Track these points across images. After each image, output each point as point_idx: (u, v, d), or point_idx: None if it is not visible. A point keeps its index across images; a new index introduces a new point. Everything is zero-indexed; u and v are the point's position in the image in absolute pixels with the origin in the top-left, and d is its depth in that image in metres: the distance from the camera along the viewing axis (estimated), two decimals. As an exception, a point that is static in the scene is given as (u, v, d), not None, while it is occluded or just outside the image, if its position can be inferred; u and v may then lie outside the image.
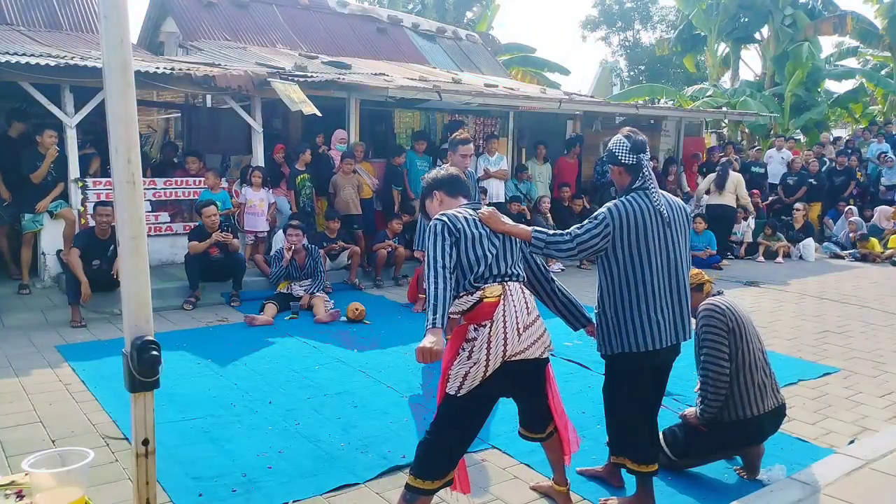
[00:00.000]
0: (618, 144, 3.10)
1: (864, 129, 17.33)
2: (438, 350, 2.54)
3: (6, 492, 2.31)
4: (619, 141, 3.11)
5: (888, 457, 3.48)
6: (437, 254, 2.70)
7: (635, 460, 3.11)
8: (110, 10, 2.07)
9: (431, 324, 2.58)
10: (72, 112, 7.30)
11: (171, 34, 12.97)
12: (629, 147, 3.06)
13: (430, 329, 2.57)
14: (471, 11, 26.84)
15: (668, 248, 3.01)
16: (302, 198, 8.69)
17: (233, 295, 7.27)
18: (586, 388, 4.71)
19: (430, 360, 2.54)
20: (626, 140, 3.08)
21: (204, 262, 7.09)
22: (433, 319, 2.58)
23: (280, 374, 5.01)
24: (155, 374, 2.18)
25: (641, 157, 3.06)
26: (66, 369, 5.00)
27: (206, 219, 7.14)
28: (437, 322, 2.57)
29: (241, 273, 7.37)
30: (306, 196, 8.71)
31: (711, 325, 3.34)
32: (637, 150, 3.06)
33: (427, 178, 3.16)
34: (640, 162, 3.05)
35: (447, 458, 2.76)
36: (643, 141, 3.10)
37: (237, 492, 3.26)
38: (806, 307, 7.54)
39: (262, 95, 8.30)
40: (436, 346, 2.53)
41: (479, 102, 10.05)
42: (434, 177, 3.12)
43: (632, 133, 3.11)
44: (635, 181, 3.06)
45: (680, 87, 26.28)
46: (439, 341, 2.55)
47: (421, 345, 2.53)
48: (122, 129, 2.12)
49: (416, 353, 2.53)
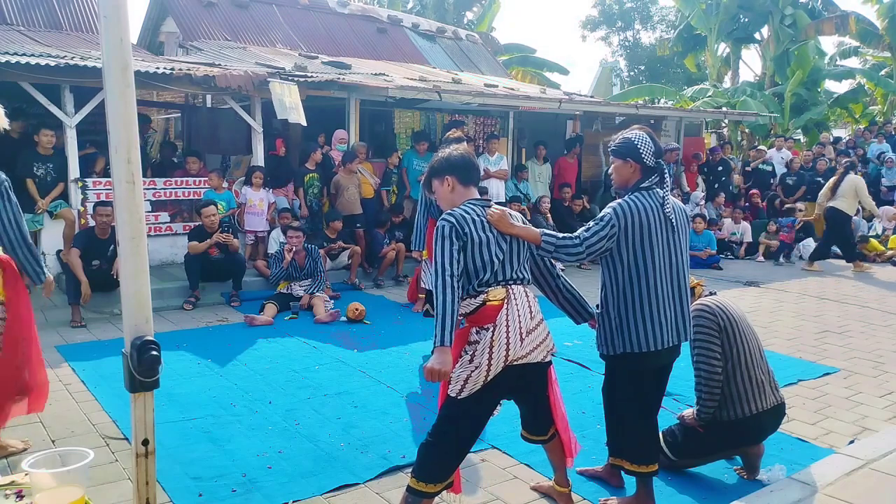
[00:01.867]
0: (643, 141, 3.04)
1: (864, 129, 17.34)
2: (447, 371, 2.54)
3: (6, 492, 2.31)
4: (643, 139, 3.04)
5: (888, 457, 3.47)
6: (444, 260, 2.63)
7: (633, 461, 3.11)
8: (110, 10, 2.07)
9: (440, 342, 2.54)
10: (72, 112, 7.31)
11: (171, 34, 12.97)
12: (654, 150, 3.05)
13: (438, 348, 2.55)
14: (471, 11, 26.83)
15: (670, 249, 3.01)
16: (309, 196, 8.72)
17: (233, 295, 7.26)
18: (586, 388, 4.71)
19: (438, 380, 2.55)
20: (650, 141, 3.05)
21: (204, 262, 7.09)
22: (441, 337, 2.54)
23: (280, 374, 5.01)
24: (155, 374, 2.18)
25: (661, 161, 3.07)
26: (66, 369, 5.00)
27: (206, 219, 7.14)
28: (444, 340, 2.54)
29: (240, 273, 7.37)
30: (313, 195, 8.74)
31: (702, 326, 3.34)
32: (660, 155, 3.07)
33: (440, 157, 2.92)
34: (661, 166, 3.05)
35: (449, 461, 2.75)
36: (661, 145, 3.12)
37: (237, 492, 3.26)
38: (806, 307, 7.54)
39: (262, 95, 8.30)
40: (444, 368, 2.53)
41: (479, 102, 10.04)
42: (448, 157, 2.89)
43: (651, 135, 3.09)
44: (644, 181, 3.04)
45: (680, 87, 26.31)
46: (447, 361, 2.54)
47: (429, 365, 2.54)
48: (122, 129, 2.12)
49: (425, 373, 2.55)
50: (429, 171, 2.96)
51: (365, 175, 9.00)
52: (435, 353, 2.56)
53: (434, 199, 3.10)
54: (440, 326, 2.55)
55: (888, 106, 21.32)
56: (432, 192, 2.96)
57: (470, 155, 2.95)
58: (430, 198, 5.23)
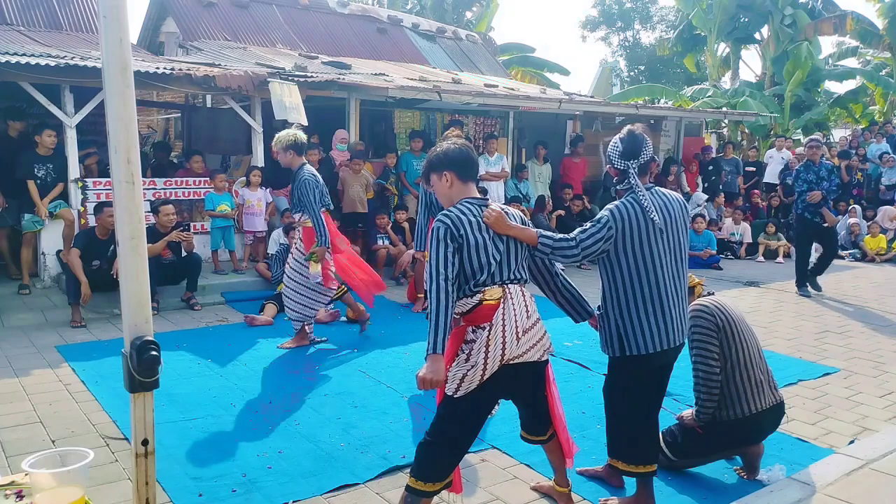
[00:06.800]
0: (612, 146, 3.08)
1: (864, 129, 17.33)
2: (439, 380, 2.55)
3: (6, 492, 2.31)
4: (614, 142, 3.08)
5: (888, 457, 3.47)
6: (438, 263, 2.61)
7: (630, 461, 3.10)
8: (110, 9, 2.07)
9: (432, 349, 2.54)
10: (72, 112, 7.31)
11: (171, 34, 12.98)
12: (621, 151, 3.03)
13: (431, 356, 2.54)
14: (470, 11, 26.84)
15: (669, 248, 2.99)
16: None
17: (188, 297, 6.93)
18: (586, 388, 4.70)
19: (430, 388, 2.55)
20: (619, 143, 3.04)
21: (156, 264, 6.50)
22: (434, 344, 2.53)
23: (280, 374, 5.01)
24: (154, 375, 2.18)
25: (630, 163, 3.00)
26: (66, 369, 5.00)
27: (164, 217, 6.78)
28: (437, 347, 2.53)
29: (196, 273, 6.99)
30: None
31: (700, 326, 3.33)
32: (627, 157, 3.01)
33: (438, 151, 2.85)
34: (627, 169, 3.00)
35: (447, 460, 2.75)
36: (639, 145, 3.01)
37: (237, 492, 3.26)
38: (806, 307, 7.54)
39: (262, 95, 8.30)
40: (436, 377, 2.53)
41: (479, 102, 10.05)
42: (446, 151, 2.82)
43: (629, 135, 3.05)
44: (622, 183, 3.04)
45: (680, 87, 26.29)
46: (439, 370, 2.54)
47: (421, 374, 2.54)
48: (122, 129, 2.12)
49: (417, 381, 2.55)
50: (427, 165, 2.89)
51: (366, 175, 9.01)
52: (427, 362, 2.55)
53: (431, 191, 3.07)
54: (433, 333, 2.54)
55: (888, 106, 21.31)
56: (430, 186, 2.92)
57: (469, 149, 2.88)
58: (430, 193, 5.21)
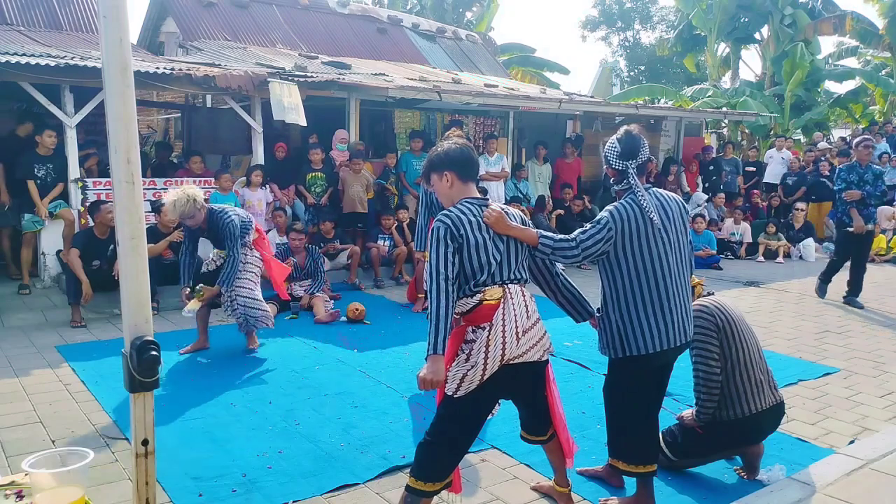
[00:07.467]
0: (610, 146, 3.07)
1: (864, 129, 17.33)
2: (439, 381, 2.55)
3: (6, 492, 2.31)
4: (611, 143, 3.08)
5: (888, 457, 3.48)
6: (438, 263, 2.61)
7: (630, 461, 3.10)
8: (110, 9, 2.07)
9: (432, 350, 2.54)
10: (72, 112, 7.30)
11: (171, 34, 12.98)
12: (619, 152, 3.03)
13: (431, 356, 2.55)
14: (470, 11, 26.85)
15: (671, 248, 2.98)
16: (312, 195, 8.73)
17: None
18: (586, 388, 4.70)
19: (430, 389, 2.56)
20: (617, 144, 3.05)
21: (157, 264, 6.60)
22: (434, 345, 2.54)
23: (280, 374, 5.01)
24: (154, 375, 2.18)
25: (629, 164, 3.00)
26: (66, 369, 5.00)
27: (166, 217, 6.66)
28: (437, 348, 2.54)
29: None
30: (316, 195, 8.74)
31: (699, 327, 3.32)
32: (625, 157, 3.01)
33: (439, 150, 2.84)
34: (626, 170, 3.00)
35: (447, 460, 2.75)
36: (637, 145, 3.01)
37: (237, 492, 3.26)
38: (806, 307, 7.54)
39: (262, 95, 8.29)
40: (436, 377, 2.54)
41: (479, 102, 10.04)
42: (447, 151, 2.81)
43: (626, 135, 3.05)
44: (620, 183, 3.04)
45: (680, 87, 26.29)
46: (439, 370, 2.55)
47: (421, 374, 2.54)
48: (122, 129, 2.12)
49: (417, 382, 2.56)
50: (427, 165, 2.88)
51: (366, 175, 9.01)
52: (427, 362, 2.56)
53: (432, 191, 3.06)
54: (433, 333, 2.55)
55: (888, 106, 21.32)
56: (430, 186, 2.92)
57: (469, 149, 2.88)
58: (430, 193, 5.21)
